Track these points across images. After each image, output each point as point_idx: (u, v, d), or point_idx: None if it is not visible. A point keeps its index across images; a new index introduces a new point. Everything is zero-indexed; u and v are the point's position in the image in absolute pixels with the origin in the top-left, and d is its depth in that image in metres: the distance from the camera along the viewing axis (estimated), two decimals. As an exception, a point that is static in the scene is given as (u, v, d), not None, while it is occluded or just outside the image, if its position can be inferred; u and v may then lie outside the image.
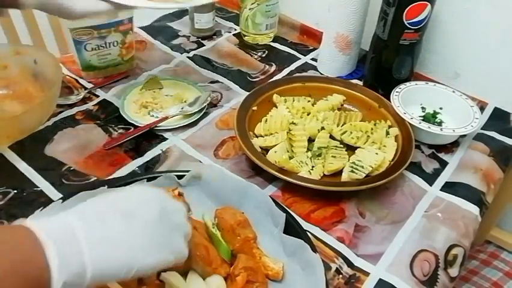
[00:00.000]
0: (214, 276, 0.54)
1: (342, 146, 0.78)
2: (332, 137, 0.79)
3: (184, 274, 0.54)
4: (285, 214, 0.61)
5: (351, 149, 0.78)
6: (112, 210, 0.43)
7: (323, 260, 0.59)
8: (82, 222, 0.39)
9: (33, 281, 0.35)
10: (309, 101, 0.86)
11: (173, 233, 0.46)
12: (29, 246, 0.36)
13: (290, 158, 0.74)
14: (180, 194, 0.63)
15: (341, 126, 0.80)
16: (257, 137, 0.79)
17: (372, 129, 0.80)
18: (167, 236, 0.45)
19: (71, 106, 0.84)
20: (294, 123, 0.77)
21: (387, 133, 0.79)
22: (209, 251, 0.55)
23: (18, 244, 0.36)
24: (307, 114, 0.83)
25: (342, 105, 0.86)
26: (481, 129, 0.87)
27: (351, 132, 0.78)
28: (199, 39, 1.08)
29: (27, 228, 0.37)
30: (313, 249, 0.58)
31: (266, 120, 0.80)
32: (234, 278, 0.54)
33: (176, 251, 0.46)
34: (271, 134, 0.78)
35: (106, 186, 0.62)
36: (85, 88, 0.89)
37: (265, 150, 0.76)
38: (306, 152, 0.75)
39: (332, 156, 0.74)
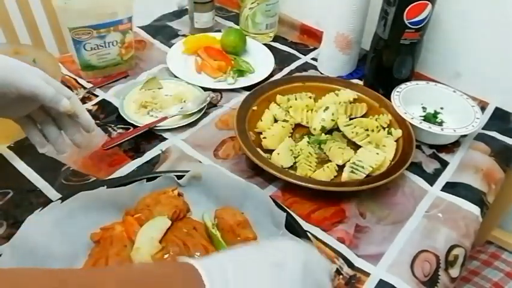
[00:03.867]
0: None
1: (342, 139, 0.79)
2: (331, 131, 0.81)
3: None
4: (285, 214, 0.60)
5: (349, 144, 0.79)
6: (265, 259, 0.41)
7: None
8: (234, 268, 0.38)
9: None
10: (310, 97, 0.86)
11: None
12: (196, 282, 0.37)
13: (295, 157, 0.74)
14: (180, 194, 0.63)
15: (348, 117, 0.82)
16: (260, 134, 0.79)
17: (373, 130, 0.80)
18: None
19: (70, 106, 0.84)
20: (286, 120, 0.80)
21: (390, 133, 0.78)
22: (209, 252, 0.55)
23: (190, 278, 0.37)
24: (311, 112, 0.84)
25: (350, 102, 0.86)
26: (482, 129, 0.86)
27: (354, 127, 0.79)
28: (199, 39, 1.08)
29: (192, 265, 0.38)
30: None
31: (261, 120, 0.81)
32: None
33: None
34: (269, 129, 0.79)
35: (105, 187, 0.62)
36: (84, 88, 0.89)
37: (269, 151, 0.75)
38: (308, 144, 0.76)
39: (339, 148, 0.75)
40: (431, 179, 0.76)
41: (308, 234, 0.62)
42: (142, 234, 0.57)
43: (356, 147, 0.78)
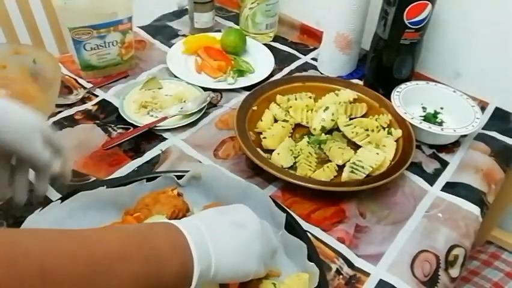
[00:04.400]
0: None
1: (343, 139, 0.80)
2: (331, 131, 0.81)
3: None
4: (285, 214, 0.60)
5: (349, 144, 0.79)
6: (227, 219, 0.48)
7: (323, 261, 0.59)
8: (206, 226, 0.46)
9: (183, 261, 0.43)
10: (310, 97, 0.86)
11: (269, 248, 0.51)
12: (179, 236, 0.44)
13: (295, 157, 0.74)
14: (179, 194, 0.63)
15: (348, 117, 0.82)
16: (260, 134, 0.79)
17: (373, 130, 0.80)
18: (266, 250, 0.50)
19: (70, 106, 0.84)
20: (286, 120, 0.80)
21: (390, 133, 0.78)
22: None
23: (174, 233, 0.44)
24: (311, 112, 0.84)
25: (350, 102, 0.86)
26: (482, 129, 0.86)
27: (354, 127, 0.79)
28: (199, 39, 1.08)
29: (173, 224, 0.45)
30: (313, 249, 0.57)
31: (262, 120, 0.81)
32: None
33: (267, 264, 0.51)
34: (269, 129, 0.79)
35: (105, 187, 0.62)
36: (84, 88, 0.89)
37: (269, 151, 0.75)
38: (308, 144, 0.76)
39: (339, 148, 0.75)
40: (431, 179, 0.76)
41: (308, 234, 0.62)
42: None
43: (356, 147, 0.78)
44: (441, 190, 0.74)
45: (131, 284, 0.39)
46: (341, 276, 0.60)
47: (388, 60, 0.88)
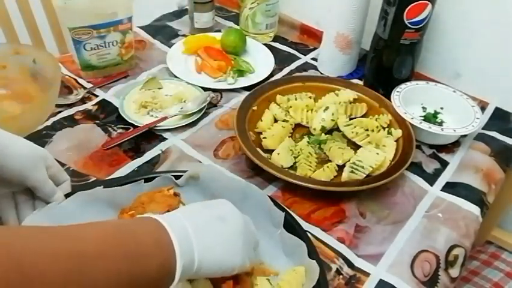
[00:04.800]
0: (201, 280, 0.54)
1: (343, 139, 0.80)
2: (331, 131, 0.81)
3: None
4: (283, 213, 0.60)
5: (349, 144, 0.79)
6: (210, 213, 0.49)
7: (323, 261, 0.59)
8: (189, 220, 0.46)
9: (165, 256, 0.43)
10: (310, 97, 0.86)
11: (251, 242, 0.52)
12: (161, 231, 0.44)
13: (295, 157, 0.74)
14: (176, 194, 0.63)
15: (348, 117, 0.82)
16: (260, 134, 0.79)
17: (373, 130, 0.80)
18: (248, 244, 0.51)
19: (70, 106, 0.84)
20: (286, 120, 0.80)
21: (390, 133, 0.78)
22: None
23: (156, 228, 0.44)
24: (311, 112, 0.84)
25: (350, 102, 0.86)
26: (482, 129, 0.86)
27: (354, 127, 0.79)
28: (199, 39, 1.08)
29: (155, 219, 0.45)
30: (313, 249, 0.58)
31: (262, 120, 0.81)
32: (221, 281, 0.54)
33: (251, 258, 0.51)
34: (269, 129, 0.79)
35: (102, 186, 0.61)
36: (84, 88, 0.89)
37: (269, 151, 0.75)
38: (308, 144, 0.76)
39: (339, 148, 0.75)
40: (431, 179, 0.76)
41: (308, 234, 0.62)
42: None
43: (356, 147, 0.78)
44: (441, 190, 0.74)
45: (112, 281, 0.39)
46: (341, 276, 0.60)
47: (388, 60, 0.88)
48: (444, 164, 0.79)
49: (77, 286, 0.37)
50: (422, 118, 0.83)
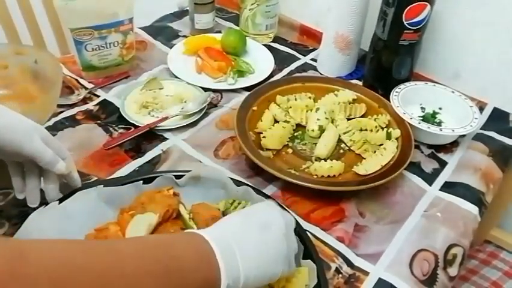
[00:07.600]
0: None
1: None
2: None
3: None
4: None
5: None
6: (253, 224, 0.48)
7: (322, 260, 0.60)
8: (233, 236, 0.46)
9: (209, 274, 0.42)
10: (310, 98, 0.87)
11: (291, 248, 0.50)
12: (205, 246, 0.44)
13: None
14: (176, 194, 0.63)
15: (347, 117, 0.83)
16: (260, 134, 0.79)
17: (372, 130, 0.80)
18: (289, 251, 0.49)
19: (71, 106, 0.85)
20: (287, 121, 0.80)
21: (389, 136, 0.78)
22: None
23: (198, 243, 0.44)
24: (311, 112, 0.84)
25: (350, 102, 0.87)
26: (480, 129, 0.87)
27: (353, 133, 0.79)
28: (199, 40, 1.08)
29: (198, 234, 0.45)
30: (313, 248, 0.58)
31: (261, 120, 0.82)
32: None
33: (291, 265, 0.50)
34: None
35: (102, 186, 0.62)
36: (86, 88, 0.89)
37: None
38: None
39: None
40: (429, 178, 0.76)
41: (308, 233, 0.62)
42: (130, 230, 0.57)
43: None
44: (440, 190, 0.75)
45: None
46: (340, 275, 0.61)
47: (387, 61, 0.89)
48: (443, 163, 0.79)
49: None
50: (421, 118, 0.83)
